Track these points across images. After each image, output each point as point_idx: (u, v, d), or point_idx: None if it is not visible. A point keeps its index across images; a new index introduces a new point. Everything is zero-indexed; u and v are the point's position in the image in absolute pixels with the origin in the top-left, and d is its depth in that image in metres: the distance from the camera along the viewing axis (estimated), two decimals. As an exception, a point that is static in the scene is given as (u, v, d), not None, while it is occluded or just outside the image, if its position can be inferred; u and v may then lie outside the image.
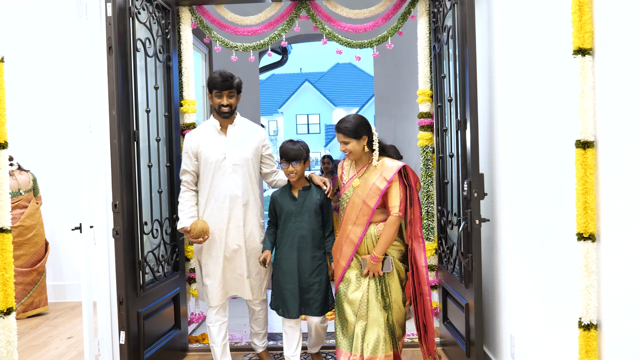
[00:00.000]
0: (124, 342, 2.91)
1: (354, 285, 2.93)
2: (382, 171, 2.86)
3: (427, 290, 2.95)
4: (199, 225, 3.06)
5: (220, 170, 3.14)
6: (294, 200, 3.13)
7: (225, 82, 3.13)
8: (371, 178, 2.88)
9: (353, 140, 2.89)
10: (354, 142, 2.89)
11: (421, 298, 2.96)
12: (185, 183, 3.20)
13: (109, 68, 2.89)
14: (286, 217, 3.14)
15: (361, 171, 2.95)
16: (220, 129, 3.21)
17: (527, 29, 2.50)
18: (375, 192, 2.84)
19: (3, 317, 1.91)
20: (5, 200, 1.93)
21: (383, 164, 2.88)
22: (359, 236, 2.89)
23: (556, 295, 2.21)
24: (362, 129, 2.89)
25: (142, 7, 3.21)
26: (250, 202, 3.19)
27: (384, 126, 6.54)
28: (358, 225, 2.89)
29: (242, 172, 3.17)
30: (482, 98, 3.12)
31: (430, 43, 3.72)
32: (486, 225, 3.12)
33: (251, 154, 3.21)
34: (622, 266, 1.75)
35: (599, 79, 1.82)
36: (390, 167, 2.86)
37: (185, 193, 3.20)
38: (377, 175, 2.86)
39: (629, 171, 1.71)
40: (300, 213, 3.11)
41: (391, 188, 2.85)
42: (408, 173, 2.90)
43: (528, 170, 2.51)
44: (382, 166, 2.88)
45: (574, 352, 1.94)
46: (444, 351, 3.56)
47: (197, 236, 3.06)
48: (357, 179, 2.94)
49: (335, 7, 3.83)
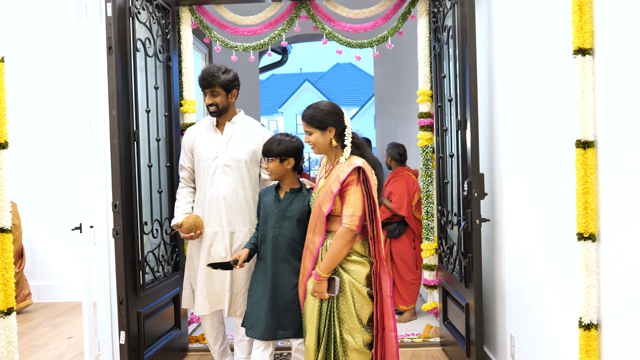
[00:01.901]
0: (124, 342, 2.91)
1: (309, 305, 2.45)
2: (340, 172, 2.38)
3: (392, 325, 2.36)
4: (191, 220, 2.89)
5: (211, 170, 2.95)
6: (278, 202, 2.66)
7: (204, 81, 2.92)
8: (331, 179, 2.42)
9: (317, 131, 2.44)
10: (318, 134, 2.44)
11: (382, 335, 2.37)
12: (183, 179, 3.10)
13: (109, 68, 2.89)
14: (265, 218, 2.69)
15: (329, 170, 2.48)
16: (217, 127, 3.03)
17: (527, 28, 2.50)
18: (329, 196, 2.37)
19: (4, 317, 1.91)
20: (5, 200, 1.93)
21: (351, 163, 2.37)
22: (317, 247, 2.42)
23: (556, 295, 2.21)
24: (328, 119, 2.42)
25: (142, 7, 3.20)
26: (241, 209, 2.93)
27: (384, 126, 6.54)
28: (317, 234, 2.43)
29: (233, 175, 2.92)
30: (482, 98, 3.12)
31: (431, 43, 3.72)
32: (486, 225, 3.12)
33: (246, 156, 2.95)
34: (623, 266, 1.75)
35: (599, 79, 1.82)
36: (348, 168, 2.36)
37: (182, 189, 3.09)
38: (336, 176, 2.39)
39: (630, 171, 1.71)
40: (281, 217, 2.63)
41: (347, 192, 2.34)
42: (367, 177, 2.34)
43: (528, 170, 2.51)
44: (349, 165, 2.37)
45: (574, 352, 1.94)
46: (444, 351, 3.56)
47: (188, 231, 2.90)
48: (323, 180, 2.48)
49: (335, 7, 3.83)
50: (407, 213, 4.26)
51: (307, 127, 2.47)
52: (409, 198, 4.28)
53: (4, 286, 1.91)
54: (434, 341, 3.69)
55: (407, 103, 5.35)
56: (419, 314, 4.43)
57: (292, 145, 2.67)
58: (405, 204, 4.26)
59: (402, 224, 4.33)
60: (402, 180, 4.34)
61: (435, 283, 3.78)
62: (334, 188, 2.36)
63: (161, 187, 3.44)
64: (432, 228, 3.77)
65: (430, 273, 3.80)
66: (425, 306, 3.89)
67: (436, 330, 3.78)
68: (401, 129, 5.91)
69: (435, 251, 3.77)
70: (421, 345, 3.67)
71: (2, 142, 1.94)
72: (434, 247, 3.76)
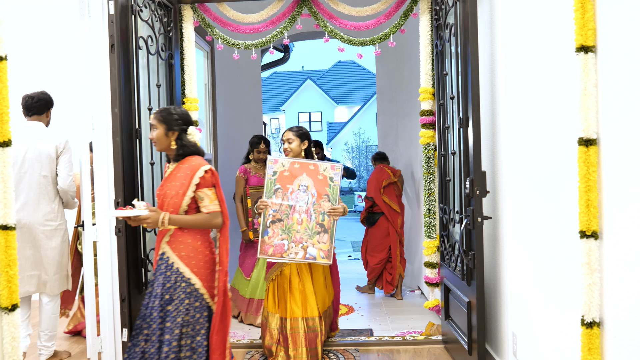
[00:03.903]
0: (126, 339, 2.92)
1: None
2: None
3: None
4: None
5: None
6: None
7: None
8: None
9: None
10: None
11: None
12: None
13: (111, 66, 2.89)
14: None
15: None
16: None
17: (529, 26, 2.50)
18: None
19: (8, 313, 1.92)
20: (9, 197, 1.94)
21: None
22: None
23: (558, 293, 2.21)
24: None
25: (144, 5, 3.21)
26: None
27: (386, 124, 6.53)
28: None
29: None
30: (484, 95, 3.12)
31: (433, 41, 3.72)
32: (488, 223, 3.12)
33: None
34: (625, 264, 1.75)
35: (602, 77, 1.82)
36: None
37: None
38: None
39: (632, 169, 1.71)
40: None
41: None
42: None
43: (530, 168, 2.51)
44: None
45: (577, 349, 1.94)
46: (446, 349, 3.56)
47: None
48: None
49: (337, 5, 3.83)
50: (374, 194, 5.11)
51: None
52: (376, 183, 5.11)
53: (8, 283, 1.92)
54: (436, 339, 3.69)
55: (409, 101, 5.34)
56: (422, 312, 4.43)
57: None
58: (372, 188, 5.13)
59: (377, 214, 5.14)
60: (374, 172, 5.26)
61: (437, 281, 3.79)
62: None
63: (163, 185, 3.44)
64: (434, 226, 3.77)
65: (432, 271, 3.80)
66: (427, 304, 3.89)
67: (438, 328, 3.78)
68: (403, 127, 5.91)
69: (437, 249, 3.77)
70: (423, 342, 3.67)
71: (6, 140, 1.94)
72: (436, 245, 3.76)
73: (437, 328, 3.80)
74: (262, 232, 3.15)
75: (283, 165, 3.15)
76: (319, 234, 3.14)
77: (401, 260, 5.07)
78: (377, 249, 5.12)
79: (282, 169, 3.15)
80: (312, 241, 3.14)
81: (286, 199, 3.14)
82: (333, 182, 3.15)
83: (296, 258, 3.14)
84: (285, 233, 3.14)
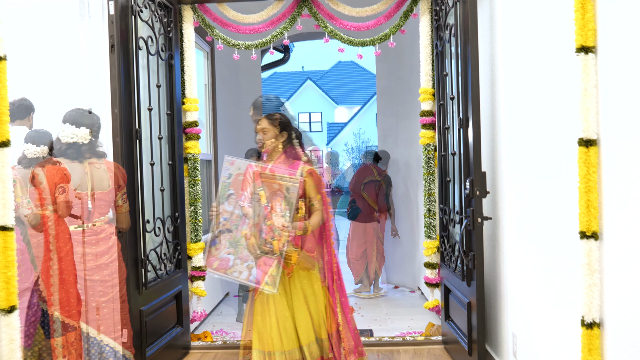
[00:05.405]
0: (126, 340, 2.91)
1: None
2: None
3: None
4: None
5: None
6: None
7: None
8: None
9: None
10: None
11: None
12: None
13: (111, 66, 2.89)
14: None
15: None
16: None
17: (529, 26, 2.49)
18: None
19: (6, 315, 1.92)
20: (8, 198, 1.93)
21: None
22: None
23: (559, 294, 2.21)
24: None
25: (144, 5, 3.21)
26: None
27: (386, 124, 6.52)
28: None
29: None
30: (485, 96, 3.11)
31: (433, 41, 3.72)
32: (488, 224, 3.12)
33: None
34: (625, 264, 1.74)
35: (602, 77, 1.82)
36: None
37: None
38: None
39: (632, 169, 1.71)
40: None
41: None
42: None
43: (530, 168, 2.50)
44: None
45: (577, 350, 1.93)
46: (446, 349, 3.56)
47: None
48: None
49: (338, 5, 3.83)
50: (352, 188, 5.51)
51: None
52: (358, 178, 5.46)
53: (6, 284, 1.92)
54: (436, 339, 3.69)
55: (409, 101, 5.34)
56: (422, 312, 4.42)
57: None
58: (353, 182, 5.52)
59: (358, 209, 5.43)
60: (360, 168, 5.62)
61: (437, 281, 3.78)
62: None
63: (163, 185, 3.44)
64: (434, 226, 3.77)
65: (432, 271, 3.79)
66: (427, 304, 3.89)
67: (438, 329, 3.78)
68: (403, 127, 5.90)
69: (437, 249, 3.76)
70: (423, 343, 3.67)
71: (5, 140, 1.94)
72: (436, 246, 3.76)
73: (437, 328, 3.79)
74: (210, 241, 2.80)
75: (239, 168, 2.75)
76: (266, 254, 2.61)
77: (378, 257, 5.32)
78: (354, 244, 5.39)
79: (238, 172, 2.75)
80: (259, 262, 2.64)
81: (237, 207, 2.73)
82: (289, 193, 2.59)
83: (239, 278, 2.72)
84: (232, 247, 2.71)
